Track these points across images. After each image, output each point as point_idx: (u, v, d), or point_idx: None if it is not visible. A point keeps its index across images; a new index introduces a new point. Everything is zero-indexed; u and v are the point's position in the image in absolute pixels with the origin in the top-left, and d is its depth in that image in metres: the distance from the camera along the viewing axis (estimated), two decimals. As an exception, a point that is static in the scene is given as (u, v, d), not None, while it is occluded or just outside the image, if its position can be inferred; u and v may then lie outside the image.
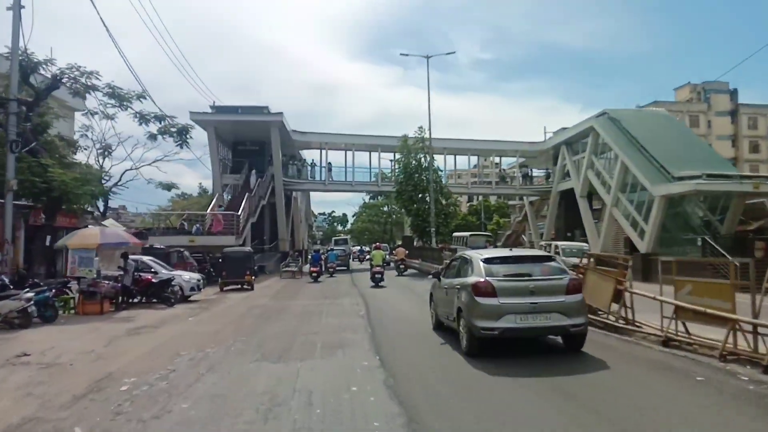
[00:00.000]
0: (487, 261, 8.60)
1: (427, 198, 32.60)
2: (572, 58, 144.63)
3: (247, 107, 36.19)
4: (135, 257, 17.64)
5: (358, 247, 62.41)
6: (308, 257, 36.05)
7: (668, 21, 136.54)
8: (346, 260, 37.93)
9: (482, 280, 8.15)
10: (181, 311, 15.41)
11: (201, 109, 35.41)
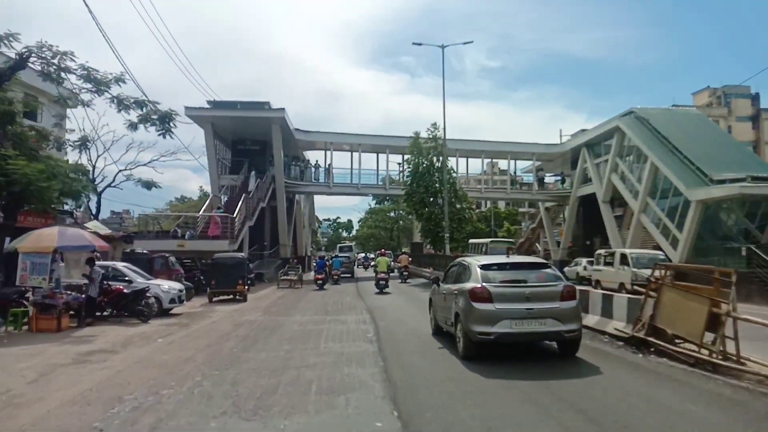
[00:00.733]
0: (484, 267, 8.69)
1: (440, 201, 29.83)
2: (578, 66, 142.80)
3: (247, 102, 33.72)
4: (106, 263, 15.22)
5: (363, 254, 61.67)
6: (312, 264, 35.50)
7: (675, 31, 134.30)
8: (350, 267, 36.84)
9: (479, 285, 8.25)
10: (154, 329, 12.95)
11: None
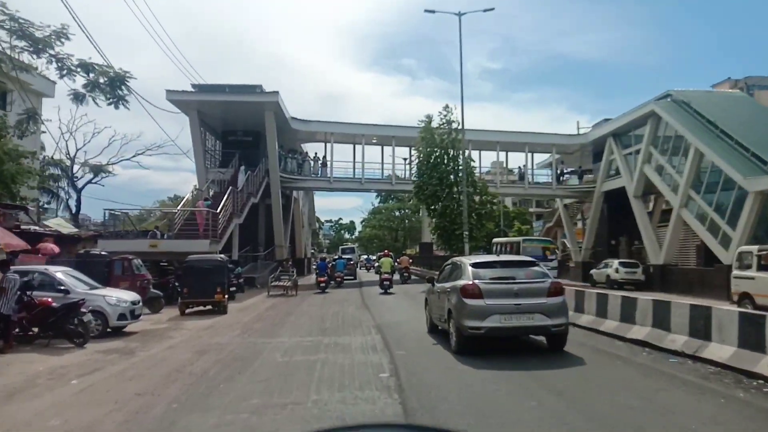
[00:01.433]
0: (476, 265, 9.29)
1: (456, 193, 25.99)
2: (581, 68, 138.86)
3: (236, 86, 30.13)
4: (32, 268, 11.67)
5: (365, 256, 59.95)
6: (313, 267, 34.29)
7: (680, 31, 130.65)
8: (353, 269, 36.04)
9: (470, 282, 8.71)
10: (83, 358, 9.39)
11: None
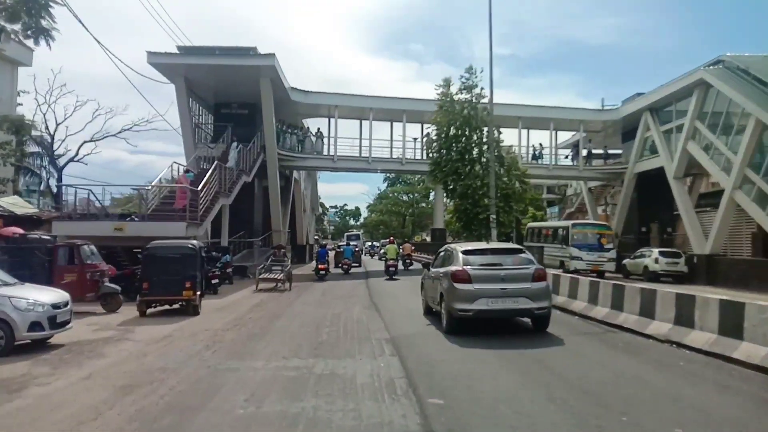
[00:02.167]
0: (466, 252, 10.10)
1: (480, 170, 22.32)
2: (591, 54, 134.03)
3: (227, 48, 26.48)
4: None
5: (370, 243, 59.96)
6: (314, 254, 32.58)
7: (691, 15, 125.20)
8: (359, 256, 34.76)
9: (460, 268, 9.59)
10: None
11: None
